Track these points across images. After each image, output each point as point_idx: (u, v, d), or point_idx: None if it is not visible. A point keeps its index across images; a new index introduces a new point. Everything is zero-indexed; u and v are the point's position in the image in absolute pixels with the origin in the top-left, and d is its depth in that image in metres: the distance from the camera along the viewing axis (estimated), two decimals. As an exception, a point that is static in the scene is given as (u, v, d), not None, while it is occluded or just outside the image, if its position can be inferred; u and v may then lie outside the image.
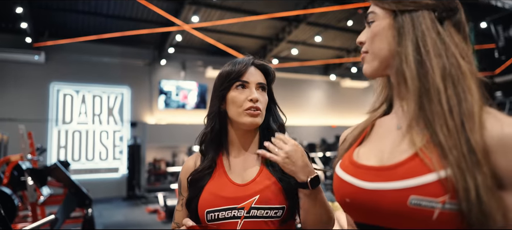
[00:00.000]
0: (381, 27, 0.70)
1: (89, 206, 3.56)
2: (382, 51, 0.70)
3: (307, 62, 11.46)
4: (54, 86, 9.61)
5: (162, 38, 9.97)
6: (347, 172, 0.71)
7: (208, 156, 1.07)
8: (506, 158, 0.55)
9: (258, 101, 1.02)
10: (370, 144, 0.75)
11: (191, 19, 7.91)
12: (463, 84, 0.61)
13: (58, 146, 9.59)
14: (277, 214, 0.97)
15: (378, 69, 0.72)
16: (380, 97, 0.80)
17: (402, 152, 0.64)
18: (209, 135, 1.08)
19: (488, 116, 0.60)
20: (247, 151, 1.08)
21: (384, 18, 0.70)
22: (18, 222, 4.66)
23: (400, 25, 0.67)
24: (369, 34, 0.72)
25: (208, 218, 0.98)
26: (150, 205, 8.27)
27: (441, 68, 0.62)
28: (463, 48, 0.65)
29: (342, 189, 0.71)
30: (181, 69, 10.97)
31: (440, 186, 0.56)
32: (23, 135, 4.43)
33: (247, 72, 1.05)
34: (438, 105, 0.60)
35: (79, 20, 8.79)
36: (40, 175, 3.94)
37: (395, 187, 0.61)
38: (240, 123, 1.03)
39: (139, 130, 10.27)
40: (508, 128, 0.56)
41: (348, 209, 0.72)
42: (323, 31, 9.54)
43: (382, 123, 0.77)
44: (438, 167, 0.57)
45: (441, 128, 0.59)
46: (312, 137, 11.77)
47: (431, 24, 0.65)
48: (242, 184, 1.01)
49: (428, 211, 0.56)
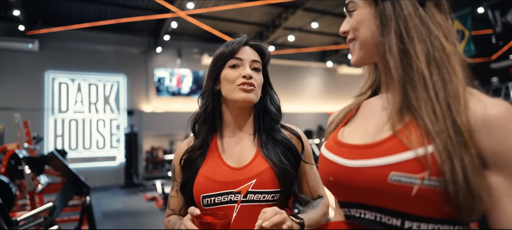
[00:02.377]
0: (363, 16, 0.69)
1: (87, 194, 3.57)
2: (367, 41, 0.70)
3: (303, 49, 11.40)
4: (49, 74, 9.52)
5: (157, 26, 9.86)
6: (331, 151, 0.72)
7: (200, 135, 1.06)
8: (490, 138, 0.56)
9: (252, 77, 1.01)
10: (355, 123, 0.76)
11: (186, 6, 7.81)
12: (447, 66, 0.62)
13: (55, 134, 9.56)
14: (274, 198, 0.97)
15: (363, 58, 0.72)
16: (367, 83, 0.81)
17: (384, 131, 0.65)
18: (202, 114, 1.06)
19: (471, 96, 0.60)
20: (242, 132, 1.07)
21: (364, 6, 0.69)
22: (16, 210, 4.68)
23: (382, 13, 0.66)
24: (352, 23, 0.71)
25: (204, 202, 0.98)
26: (148, 192, 8.31)
27: (425, 54, 0.62)
28: (446, 28, 0.65)
29: (326, 168, 0.72)
30: (177, 56, 10.89)
31: (418, 163, 0.57)
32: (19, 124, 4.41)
33: (240, 50, 1.03)
34: (424, 91, 0.61)
35: (73, 7, 8.66)
36: (37, 163, 3.94)
37: (376, 164, 0.62)
38: (234, 99, 1.01)
39: (136, 118, 10.24)
40: (491, 109, 0.57)
41: (332, 188, 0.72)
42: (319, 17, 9.46)
43: (367, 104, 0.78)
44: (417, 145, 0.58)
45: (428, 113, 0.59)
46: (309, 124, 11.81)
47: (413, 9, 0.65)
48: (238, 168, 1.00)
49: (407, 187, 0.57)
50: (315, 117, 12.37)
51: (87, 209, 3.57)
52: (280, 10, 9.25)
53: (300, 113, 12.09)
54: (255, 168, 0.99)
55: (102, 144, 10.11)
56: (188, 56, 11.00)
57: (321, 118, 12.25)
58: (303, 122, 11.81)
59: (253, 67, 1.04)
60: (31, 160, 3.90)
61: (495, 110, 0.57)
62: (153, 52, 10.57)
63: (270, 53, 1.10)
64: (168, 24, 9.24)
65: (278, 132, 1.06)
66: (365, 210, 0.65)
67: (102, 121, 10.13)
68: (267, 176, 0.97)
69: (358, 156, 0.65)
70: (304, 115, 12.20)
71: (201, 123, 1.07)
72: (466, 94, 0.60)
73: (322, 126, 11.61)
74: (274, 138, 1.04)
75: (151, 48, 10.52)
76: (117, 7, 8.60)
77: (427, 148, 0.57)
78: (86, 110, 9.96)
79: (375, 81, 0.79)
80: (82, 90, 9.89)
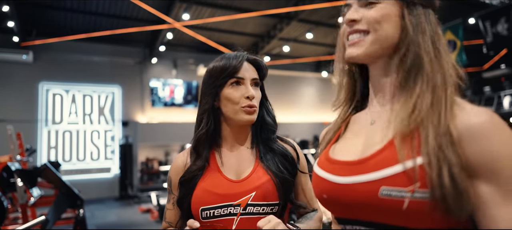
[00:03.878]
0: (391, 11, 0.67)
1: (81, 207, 3.53)
2: (388, 37, 0.67)
3: (298, 59, 11.47)
4: (43, 86, 9.47)
5: (152, 37, 9.89)
6: (323, 168, 0.72)
7: (202, 155, 1.04)
8: (475, 147, 0.56)
9: (254, 98, 1.01)
10: (345, 140, 0.76)
11: (182, 17, 7.85)
12: (449, 80, 0.64)
13: (48, 146, 9.46)
14: (273, 210, 0.97)
15: (374, 54, 0.68)
16: (346, 93, 0.79)
17: (373, 146, 0.66)
18: (204, 135, 1.04)
19: (456, 106, 0.61)
20: (240, 145, 1.07)
21: (392, 4, 0.67)
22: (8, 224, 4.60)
23: (416, 16, 0.67)
24: (374, 15, 0.67)
25: (202, 215, 0.97)
26: (143, 204, 8.22)
27: (445, 68, 0.65)
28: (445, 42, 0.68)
29: (319, 186, 0.72)
30: (173, 67, 10.90)
31: (407, 176, 0.57)
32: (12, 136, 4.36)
33: (241, 68, 1.02)
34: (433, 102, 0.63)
35: (68, 19, 8.67)
36: (30, 176, 3.89)
37: (367, 179, 0.62)
38: (237, 120, 1.02)
39: (131, 129, 10.18)
40: (475, 118, 0.58)
41: (327, 205, 0.72)
42: (314, 28, 9.56)
43: (356, 119, 0.78)
44: (405, 157, 0.58)
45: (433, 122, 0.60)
46: (305, 134, 11.82)
47: (436, 23, 0.68)
48: (237, 180, 1.00)
49: (398, 201, 0.57)
50: (310, 126, 12.39)
51: (80, 222, 3.52)
52: (275, 21, 9.33)
53: (296, 123, 12.11)
54: (255, 180, 0.99)
55: (97, 156, 10.01)
56: (184, 67, 11.02)
57: (317, 127, 12.28)
58: (298, 131, 11.82)
59: (253, 84, 1.04)
60: (24, 172, 3.85)
61: (479, 119, 0.57)
62: (148, 63, 10.57)
63: (267, 67, 1.10)
64: (164, 35, 9.26)
65: (275, 142, 1.07)
66: (359, 225, 0.65)
67: (96, 132, 10.05)
68: (266, 188, 0.97)
69: (349, 172, 0.66)
70: (300, 124, 12.22)
71: (203, 142, 1.05)
72: (453, 103, 0.61)
73: (317, 135, 11.63)
74: (271, 147, 1.05)
75: (146, 59, 10.52)
76: (112, 18, 8.62)
77: (416, 160, 0.57)
78: (81, 121, 9.88)
79: (356, 93, 0.78)
80: (77, 101, 9.83)
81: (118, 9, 8.31)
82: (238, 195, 0.97)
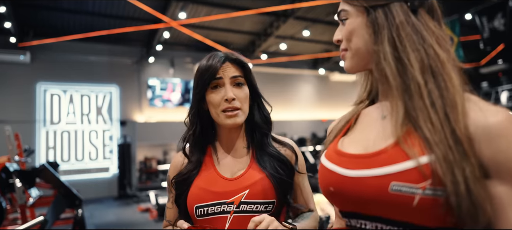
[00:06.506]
0: (355, 25, 0.69)
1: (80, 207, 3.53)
2: (360, 50, 0.69)
3: (295, 57, 11.48)
4: (41, 86, 9.44)
5: (149, 36, 9.86)
6: (331, 160, 0.71)
7: (193, 158, 1.05)
8: (491, 147, 0.55)
9: (234, 99, 0.99)
10: (355, 133, 0.75)
11: (179, 16, 7.83)
12: (443, 74, 0.61)
13: (46, 146, 9.44)
14: (267, 208, 0.97)
15: (358, 65, 0.72)
16: (366, 90, 0.80)
17: (384, 140, 0.65)
18: (192, 137, 1.05)
19: (470, 104, 0.59)
20: (235, 145, 1.07)
21: (356, 15, 0.69)
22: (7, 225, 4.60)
23: (374, 22, 0.66)
24: (344, 33, 0.71)
25: (197, 213, 0.98)
26: (141, 204, 8.22)
27: (419, 61, 0.62)
28: (440, 35, 0.65)
29: (326, 178, 0.71)
30: (170, 66, 10.88)
31: (419, 172, 0.56)
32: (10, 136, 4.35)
33: (220, 68, 1.01)
34: (420, 100, 0.60)
35: (64, 19, 8.63)
36: (28, 176, 3.89)
37: (377, 174, 0.61)
38: (220, 123, 1.02)
39: (129, 129, 10.17)
40: (492, 117, 0.56)
41: (333, 198, 0.71)
42: (311, 26, 9.55)
43: (367, 112, 0.77)
44: (418, 154, 0.57)
45: (425, 122, 0.59)
46: (303, 131, 11.84)
47: (404, 17, 0.64)
48: (232, 178, 1.00)
49: (408, 197, 0.56)
50: (308, 124, 12.41)
51: (79, 222, 3.52)
52: (272, 19, 9.32)
53: (293, 121, 12.13)
54: (249, 178, 0.99)
55: (95, 155, 10.00)
56: (181, 66, 11.00)
57: (315, 125, 12.30)
58: (296, 129, 11.84)
59: (235, 83, 1.02)
60: (22, 173, 3.85)
61: (496, 118, 0.56)
62: (145, 62, 10.55)
63: (248, 65, 1.07)
64: (161, 34, 9.24)
65: (269, 146, 1.05)
66: (365, 220, 0.65)
67: (94, 132, 10.04)
68: (260, 186, 0.97)
69: (358, 166, 0.65)
70: (298, 122, 12.23)
71: (192, 145, 1.06)
72: (464, 102, 0.59)
73: (315, 133, 11.64)
74: (266, 152, 1.04)
75: (143, 58, 10.50)
76: (109, 18, 8.59)
77: (428, 157, 0.56)
78: (79, 121, 9.86)
79: (373, 88, 0.78)
80: (74, 101, 9.81)
81: (114, 9, 8.28)
82: (232, 193, 0.97)
